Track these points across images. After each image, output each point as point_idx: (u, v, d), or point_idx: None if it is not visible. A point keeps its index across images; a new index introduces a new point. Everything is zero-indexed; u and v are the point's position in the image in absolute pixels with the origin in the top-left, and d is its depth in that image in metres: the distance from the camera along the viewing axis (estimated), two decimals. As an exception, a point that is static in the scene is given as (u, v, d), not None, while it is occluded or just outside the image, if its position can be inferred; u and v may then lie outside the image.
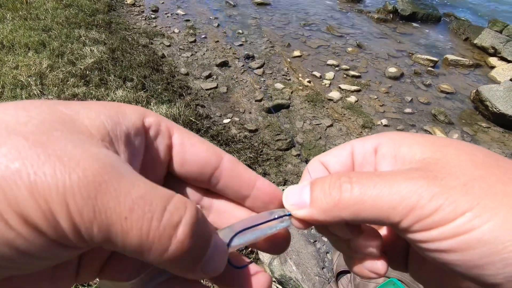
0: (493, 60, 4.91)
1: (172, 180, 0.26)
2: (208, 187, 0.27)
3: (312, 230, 1.58)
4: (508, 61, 4.76)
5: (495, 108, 3.46)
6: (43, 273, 0.20)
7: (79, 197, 0.15)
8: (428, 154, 0.24)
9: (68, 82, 2.90)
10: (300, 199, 0.26)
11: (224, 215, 0.28)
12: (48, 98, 2.63)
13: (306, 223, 0.26)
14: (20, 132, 0.15)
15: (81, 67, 3.17)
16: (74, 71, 3.05)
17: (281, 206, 0.28)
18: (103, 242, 0.16)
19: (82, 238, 0.15)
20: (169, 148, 0.25)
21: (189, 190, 0.27)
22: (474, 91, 3.84)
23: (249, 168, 0.28)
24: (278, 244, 0.29)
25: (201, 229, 0.19)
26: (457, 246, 0.20)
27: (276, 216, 0.26)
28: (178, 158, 0.25)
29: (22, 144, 0.15)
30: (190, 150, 0.25)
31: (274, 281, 1.54)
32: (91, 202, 0.15)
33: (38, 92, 2.71)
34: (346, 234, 0.27)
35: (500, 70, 4.58)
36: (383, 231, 0.32)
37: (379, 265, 0.27)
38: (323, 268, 1.42)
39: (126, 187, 0.16)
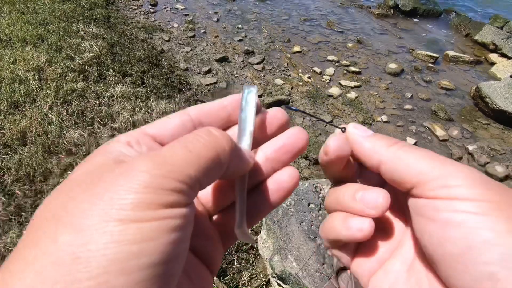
0: (493, 57, 4.89)
1: None
2: None
3: (312, 226, 1.59)
4: (509, 58, 4.75)
5: (495, 105, 3.46)
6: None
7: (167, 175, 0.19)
8: None
9: (67, 77, 2.87)
10: (365, 130, 0.30)
11: None
12: (47, 93, 2.62)
13: (345, 145, 0.29)
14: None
15: (80, 61, 3.14)
16: (72, 66, 3.03)
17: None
18: (204, 175, 0.21)
19: (193, 186, 0.20)
20: None
21: None
22: (474, 87, 3.83)
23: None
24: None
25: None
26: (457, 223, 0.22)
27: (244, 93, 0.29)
28: None
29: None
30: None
31: (274, 277, 1.55)
32: (168, 173, 0.19)
33: (37, 87, 2.69)
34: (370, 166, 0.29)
35: (501, 66, 4.57)
36: None
37: (367, 223, 0.27)
38: (323, 264, 1.42)
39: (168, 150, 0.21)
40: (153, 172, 0.18)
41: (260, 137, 0.30)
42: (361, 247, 0.31)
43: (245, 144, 0.27)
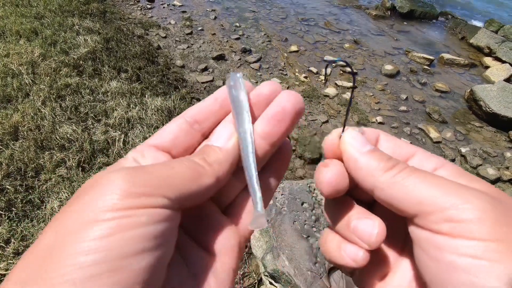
0: (488, 60, 4.95)
1: None
2: None
3: (305, 225, 1.59)
4: (503, 61, 4.81)
5: (488, 108, 3.50)
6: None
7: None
8: (489, 191, 0.23)
9: (61, 72, 2.84)
10: (363, 143, 0.26)
11: None
12: (40, 88, 2.58)
13: (334, 150, 0.27)
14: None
15: (75, 56, 3.10)
16: (67, 61, 2.99)
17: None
18: (184, 198, 0.22)
19: (175, 203, 0.22)
20: None
21: None
22: (469, 90, 3.87)
23: None
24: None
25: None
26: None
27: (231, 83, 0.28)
28: None
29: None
30: None
31: (267, 276, 1.55)
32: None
33: (30, 81, 2.65)
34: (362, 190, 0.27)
35: (495, 70, 4.62)
36: None
37: (361, 254, 0.25)
38: (315, 263, 1.43)
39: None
40: (124, 178, 0.20)
41: (258, 114, 0.28)
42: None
43: (246, 122, 0.27)
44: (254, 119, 0.28)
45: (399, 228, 0.28)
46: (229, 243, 0.27)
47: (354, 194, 0.29)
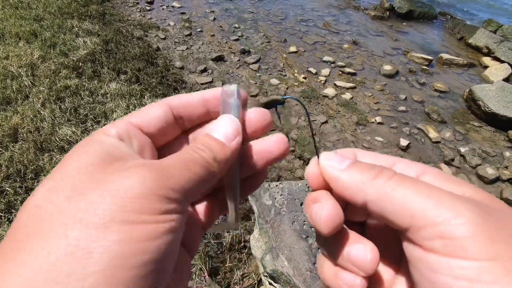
0: (486, 60, 4.96)
1: None
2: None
3: (304, 226, 1.59)
4: (502, 61, 4.82)
5: (487, 108, 3.51)
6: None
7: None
8: (478, 197, 0.23)
9: (60, 74, 2.85)
10: (341, 161, 0.26)
11: None
12: (40, 90, 2.59)
13: (318, 180, 0.27)
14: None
15: (74, 58, 3.11)
16: (66, 63, 3.00)
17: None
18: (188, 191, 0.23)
19: (188, 197, 0.23)
20: None
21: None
22: (468, 90, 3.88)
23: None
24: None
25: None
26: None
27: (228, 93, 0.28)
28: None
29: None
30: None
31: (266, 276, 1.55)
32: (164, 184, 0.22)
33: (29, 83, 2.66)
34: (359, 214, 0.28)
35: (493, 70, 4.63)
36: None
37: (358, 282, 0.25)
38: (314, 263, 1.43)
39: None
40: (155, 183, 0.21)
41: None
42: None
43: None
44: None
45: (394, 243, 0.27)
46: (195, 237, 0.29)
47: (345, 216, 0.29)
